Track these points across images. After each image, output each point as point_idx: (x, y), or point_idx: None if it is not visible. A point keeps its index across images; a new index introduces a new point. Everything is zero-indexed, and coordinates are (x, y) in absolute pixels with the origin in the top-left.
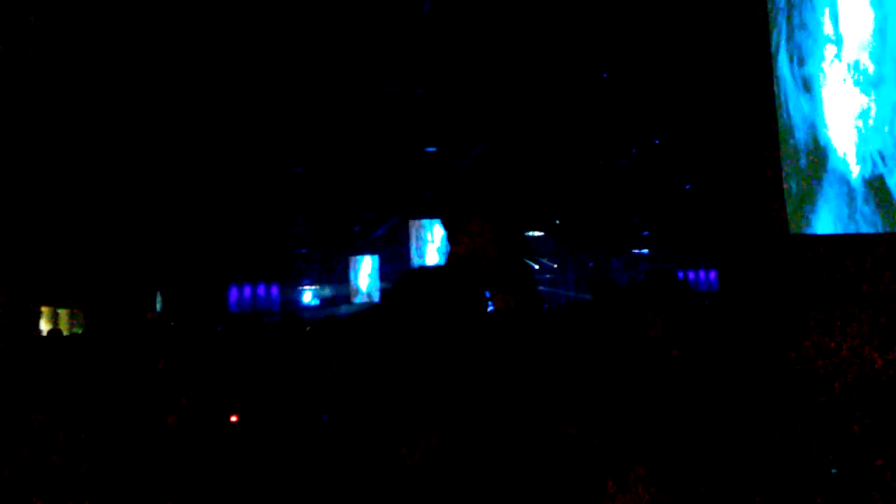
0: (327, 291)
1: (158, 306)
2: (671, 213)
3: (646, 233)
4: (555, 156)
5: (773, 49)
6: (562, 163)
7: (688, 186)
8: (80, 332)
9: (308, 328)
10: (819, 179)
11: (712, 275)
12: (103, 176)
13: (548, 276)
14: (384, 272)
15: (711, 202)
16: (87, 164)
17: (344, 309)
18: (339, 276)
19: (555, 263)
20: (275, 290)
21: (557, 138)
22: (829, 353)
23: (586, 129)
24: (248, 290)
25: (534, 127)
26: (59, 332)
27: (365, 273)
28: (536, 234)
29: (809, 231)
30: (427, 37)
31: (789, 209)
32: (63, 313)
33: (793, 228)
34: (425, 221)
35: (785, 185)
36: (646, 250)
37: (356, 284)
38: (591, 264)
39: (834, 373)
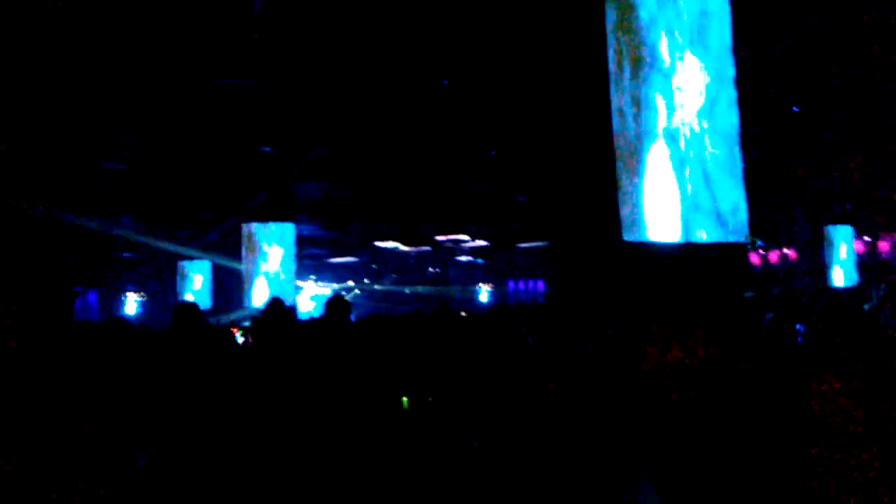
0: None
1: None
2: (505, 223)
3: (485, 243)
4: (393, 163)
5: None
6: (400, 170)
7: (521, 199)
8: None
9: None
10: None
11: (540, 285)
12: None
13: (387, 283)
14: (217, 279)
15: (545, 212)
16: None
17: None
18: (167, 282)
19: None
20: (92, 297)
21: (397, 145)
22: (669, 366)
23: (425, 137)
24: None
25: (372, 132)
26: None
27: (197, 281)
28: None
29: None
30: (265, 29)
31: (623, 217)
32: None
33: (626, 236)
34: (260, 225)
35: (619, 194)
36: (480, 260)
37: (186, 291)
38: (429, 272)
39: (675, 386)
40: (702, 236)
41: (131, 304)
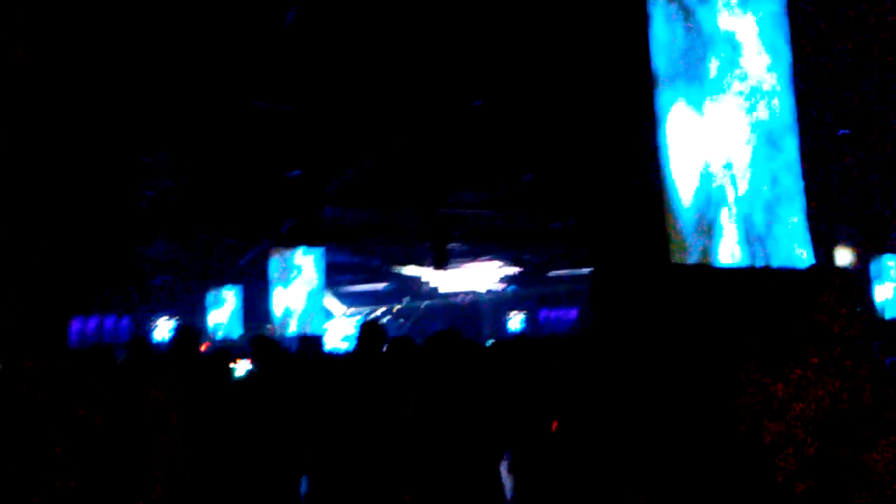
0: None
1: None
2: (539, 249)
3: (517, 269)
4: (424, 185)
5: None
6: (431, 192)
7: (554, 225)
8: None
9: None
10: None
11: (573, 313)
12: None
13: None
14: (248, 306)
15: (584, 237)
16: None
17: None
18: (197, 309)
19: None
20: (124, 322)
21: (427, 167)
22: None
23: (456, 159)
24: (93, 322)
25: (401, 155)
26: None
27: (227, 307)
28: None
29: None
30: (294, 49)
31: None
32: None
33: (675, 258)
34: (288, 250)
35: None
36: (511, 287)
37: (216, 319)
38: (460, 300)
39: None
40: (757, 261)
41: (163, 329)
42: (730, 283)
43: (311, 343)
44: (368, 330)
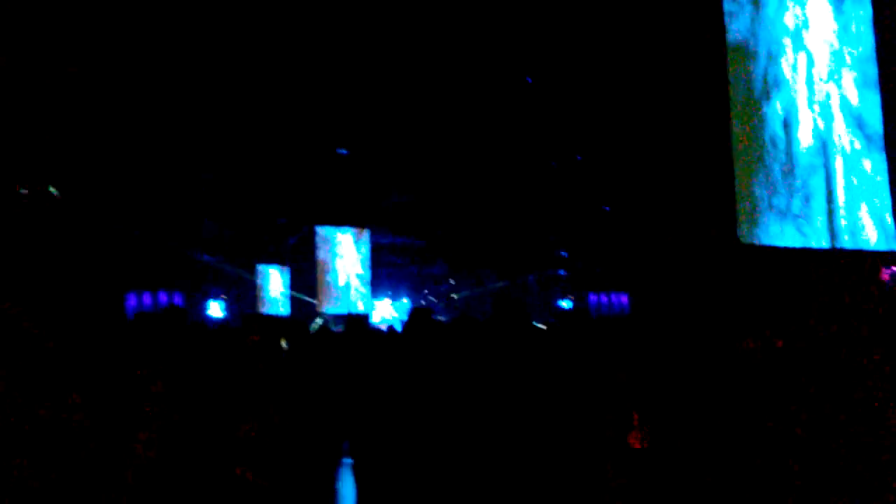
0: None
1: None
2: (589, 233)
3: (564, 253)
4: (469, 163)
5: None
6: (477, 171)
7: (606, 208)
8: None
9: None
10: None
11: (624, 298)
12: None
13: (464, 292)
14: (295, 284)
15: (642, 219)
16: None
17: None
18: (247, 286)
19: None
20: (178, 299)
21: (474, 143)
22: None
23: (505, 135)
24: (147, 298)
25: (448, 128)
26: None
27: (275, 286)
28: None
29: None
30: (339, 31)
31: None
32: None
33: (743, 238)
34: (334, 229)
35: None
36: (562, 271)
37: (266, 297)
38: (507, 283)
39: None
40: (843, 243)
41: (215, 307)
42: (772, 263)
43: (357, 322)
44: (419, 313)
